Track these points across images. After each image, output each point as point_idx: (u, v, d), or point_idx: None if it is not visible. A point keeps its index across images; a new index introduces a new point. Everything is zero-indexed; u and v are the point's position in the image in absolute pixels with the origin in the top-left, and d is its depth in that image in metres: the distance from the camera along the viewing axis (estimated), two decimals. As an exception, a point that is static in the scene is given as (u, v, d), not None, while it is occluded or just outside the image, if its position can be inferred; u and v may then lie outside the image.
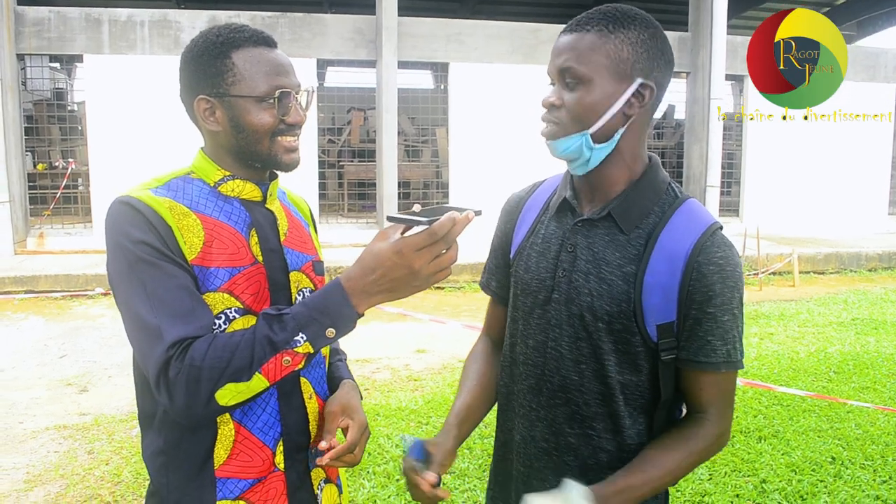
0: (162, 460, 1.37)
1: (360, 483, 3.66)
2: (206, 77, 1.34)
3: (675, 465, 1.35)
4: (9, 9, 10.20)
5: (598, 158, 1.37)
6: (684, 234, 1.34)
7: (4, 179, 10.20)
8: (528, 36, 11.94)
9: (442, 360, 6.04)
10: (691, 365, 1.35)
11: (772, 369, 5.66)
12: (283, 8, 12.62)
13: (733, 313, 1.34)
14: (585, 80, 1.32)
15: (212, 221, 1.34)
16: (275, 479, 1.40)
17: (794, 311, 7.90)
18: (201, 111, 1.37)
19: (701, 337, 1.33)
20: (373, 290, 1.18)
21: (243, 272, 1.34)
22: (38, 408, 4.89)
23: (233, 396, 1.21)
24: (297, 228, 1.52)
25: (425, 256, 1.14)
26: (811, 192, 13.29)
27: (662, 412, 1.42)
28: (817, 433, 4.34)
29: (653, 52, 1.34)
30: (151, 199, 1.29)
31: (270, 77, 1.34)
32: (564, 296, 1.41)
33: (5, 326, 7.25)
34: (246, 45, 1.34)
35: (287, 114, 1.36)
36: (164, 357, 1.18)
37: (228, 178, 1.40)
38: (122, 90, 10.57)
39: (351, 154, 13.95)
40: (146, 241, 1.24)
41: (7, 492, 3.66)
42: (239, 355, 1.18)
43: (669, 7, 17.19)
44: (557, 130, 1.36)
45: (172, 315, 1.21)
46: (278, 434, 1.40)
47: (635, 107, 1.34)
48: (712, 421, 1.37)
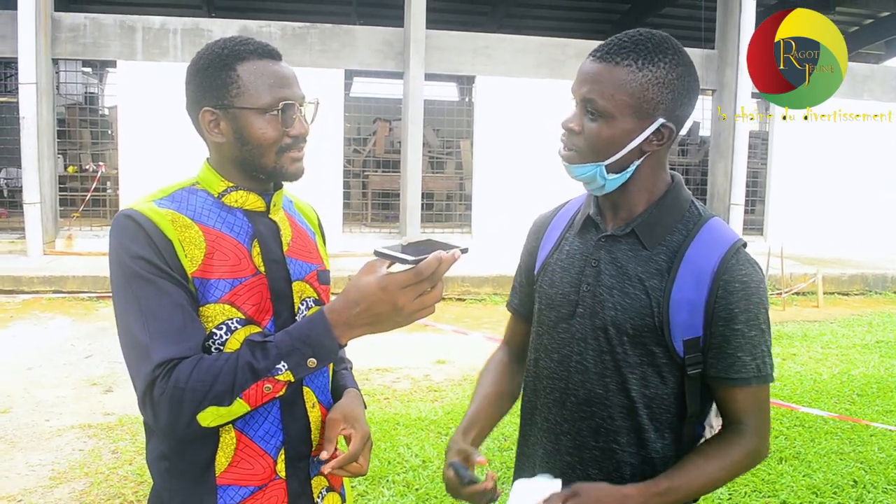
0: (165, 465, 1.39)
1: (380, 491, 3.69)
2: (210, 89, 1.36)
3: (716, 474, 1.37)
4: (46, 15, 10.42)
5: (612, 186, 1.40)
6: (709, 251, 1.36)
7: (36, 181, 10.39)
8: (556, 51, 11.97)
9: (462, 371, 6.05)
10: (723, 381, 1.37)
11: (794, 390, 5.61)
12: (313, 19, 12.76)
13: (761, 328, 1.36)
14: (607, 115, 1.33)
15: (214, 233, 1.36)
16: (276, 487, 1.41)
17: (818, 332, 7.82)
18: (206, 123, 1.38)
19: (730, 354, 1.35)
20: (356, 322, 1.21)
21: (245, 283, 1.35)
22: (64, 406, 4.97)
23: (214, 419, 1.24)
24: (302, 238, 1.52)
25: (409, 294, 1.16)
26: (836, 211, 13.14)
27: (690, 427, 1.44)
28: (839, 456, 4.29)
29: (679, 93, 1.34)
30: (154, 213, 1.31)
31: (274, 89, 1.35)
32: (589, 310, 1.43)
33: (33, 325, 7.38)
34: (251, 57, 1.36)
35: (290, 125, 1.37)
36: (151, 377, 1.22)
37: (232, 189, 1.41)
38: (154, 96, 10.74)
39: (375, 164, 14.03)
40: (144, 256, 1.27)
41: (33, 488, 3.72)
42: (221, 380, 1.21)
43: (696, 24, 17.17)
44: (573, 156, 1.39)
45: (163, 333, 1.24)
46: (280, 443, 1.41)
47: (653, 144, 1.37)
48: (750, 432, 1.39)
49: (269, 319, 1.38)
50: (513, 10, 18.17)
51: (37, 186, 10.41)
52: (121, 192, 11.06)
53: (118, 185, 11.24)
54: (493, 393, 1.65)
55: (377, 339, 1.28)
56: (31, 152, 10.33)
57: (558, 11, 18.51)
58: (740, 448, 1.38)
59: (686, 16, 17.07)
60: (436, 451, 4.17)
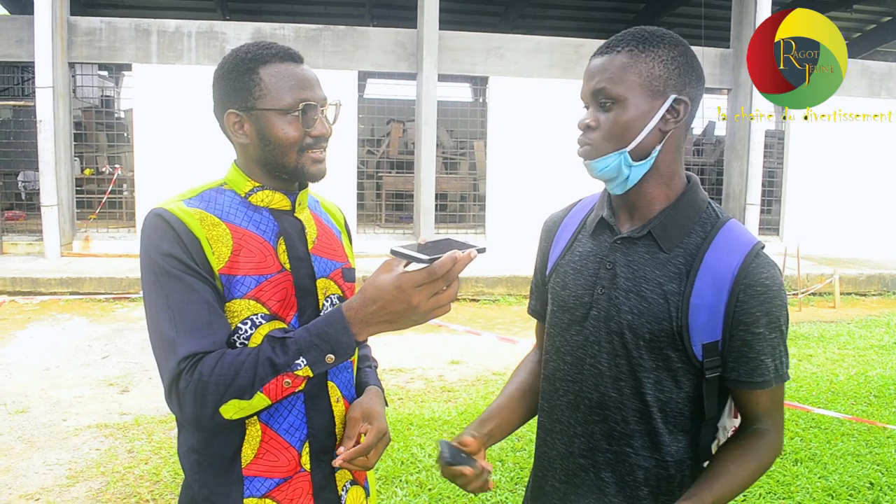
0: (195, 458, 1.43)
1: (393, 491, 3.69)
2: (235, 92, 1.41)
3: (746, 476, 1.37)
4: (62, 19, 10.53)
5: (636, 176, 1.39)
6: (729, 255, 1.35)
7: (53, 184, 10.50)
8: (569, 51, 11.95)
9: (476, 371, 6.05)
10: (745, 385, 1.37)
11: (810, 391, 5.57)
12: (327, 21, 12.83)
13: (780, 330, 1.36)
14: (620, 99, 1.34)
15: (241, 231, 1.40)
16: (300, 480, 1.44)
17: (834, 333, 7.77)
18: (231, 125, 1.43)
19: (753, 358, 1.34)
20: (372, 320, 1.23)
21: (270, 280, 1.39)
22: (82, 406, 5.01)
23: (236, 412, 1.27)
24: (327, 236, 1.56)
25: (424, 293, 1.19)
26: (853, 211, 13.04)
27: (704, 430, 1.42)
28: (855, 457, 4.26)
29: (684, 69, 1.36)
30: (183, 212, 1.36)
31: (295, 91, 1.39)
32: (604, 313, 1.43)
33: (51, 326, 7.45)
34: (273, 60, 1.40)
35: (312, 126, 1.41)
36: (177, 370, 1.26)
37: (258, 189, 1.45)
38: (169, 99, 10.82)
39: (389, 165, 14.06)
40: (173, 253, 1.31)
41: (50, 486, 3.76)
42: (243, 374, 1.25)
43: (711, 23, 17.07)
44: (593, 151, 1.38)
45: (189, 328, 1.29)
46: (304, 436, 1.44)
47: (670, 122, 1.37)
48: (771, 431, 1.40)
49: (294, 315, 1.42)
50: (526, 11, 18.14)
51: (54, 189, 10.52)
52: (137, 194, 11.16)
53: (134, 188, 11.34)
54: (518, 390, 1.65)
55: (391, 339, 1.30)
56: (49, 155, 10.44)
57: (573, 11, 18.46)
58: (768, 450, 1.39)
59: (701, 15, 16.98)
60: (449, 452, 4.17)
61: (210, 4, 17.27)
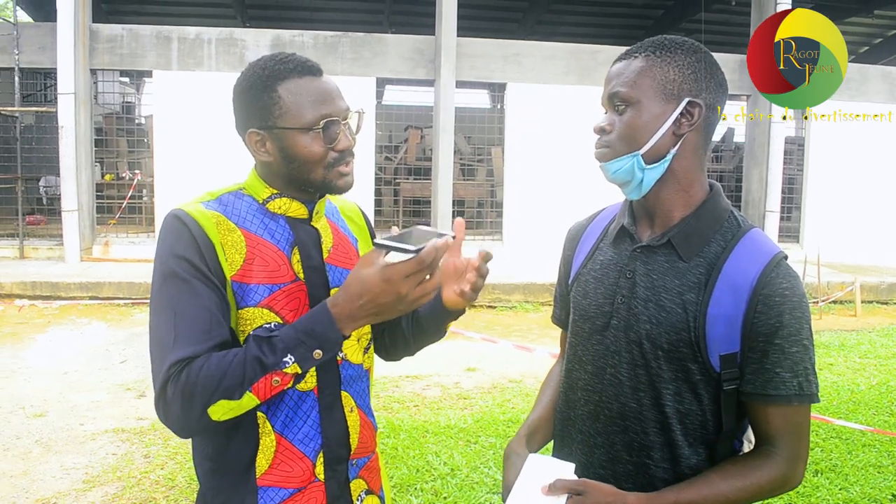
0: (209, 465, 1.43)
1: (408, 499, 3.68)
2: (254, 111, 1.39)
3: (731, 493, 1.31)
4: (84, 26, 10.65)
5: (650, 181, 1.37)
6: (749, 264, 1.32)
7: (74, 189, 10.61)
8: (586, 57, 11.92)
9: (492, 379, 6.03)
10: (759, 398, 1.32)
11: (830, 401, 5.49)
12: (345, 28, 12.86)
13: (803, 344, 1.31)
14: (633, 102, 1.35)
15: (255, 239, 1.39)
16: (315, 490, 1.43)
17: (856, 342, 7.67)
18: (253, 143, 1.41)
19: (769, 369, 1.30)
20: (359, 314, 1.24)
21: (283, 289, 1.38)
22: (99, 410, 5.04)
23: (225, 412, 1.27)
24: (344, 245, 1.54)
25: (411, 283, 1.20)
26: (875, 218, 12.88)
27: (725, 443, 1.39)
28: (877, 469, 4.19)
29: (701, 74, 1.36)
30: (200, 214, 1.36)
31: (316, 106, 1.36)
32: (623, 322, 1.41)
33: (70, 330, 7.52)
34: (291, 76, 1.37)
35: (335, 142, 1.39)
36: (165, 375, 1.27)
37: (276, 196, 1.44)
38: (189, 105, 10.91)
39: (407, 171, 14.09)
40: (186, 256, 1.32)
41: (67, 491, 3.78)
42: (231, 374, 1.25)
43: (730, 29, 17.00)
44: (608, 152, 1.39)
45: (187, 334, 1.29)
46: (319, 446, 1.43)
47: (684, 126, 1.36)
48: (781, 456, 1.33)
49: None
50: (544, 17, 18.14)
51: (75, 194, 10.63)
52: (156, 199, 11.25)
53: (154, 193, 11.42)
54: (554, 400, 1.63)
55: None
56: (70, 161, 10.56)
57: (590, 18, 18.45)
58: (764, 473, 1.32)
59: (720, 21, 16.91)
60: (465, 460, 4.16)
61: (230, 12, 17.43)
